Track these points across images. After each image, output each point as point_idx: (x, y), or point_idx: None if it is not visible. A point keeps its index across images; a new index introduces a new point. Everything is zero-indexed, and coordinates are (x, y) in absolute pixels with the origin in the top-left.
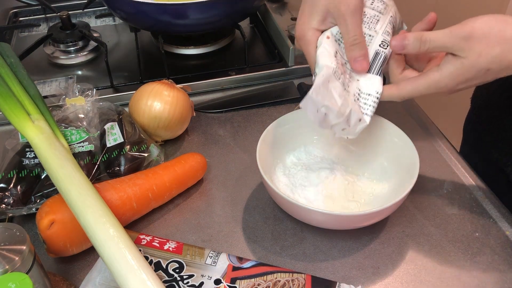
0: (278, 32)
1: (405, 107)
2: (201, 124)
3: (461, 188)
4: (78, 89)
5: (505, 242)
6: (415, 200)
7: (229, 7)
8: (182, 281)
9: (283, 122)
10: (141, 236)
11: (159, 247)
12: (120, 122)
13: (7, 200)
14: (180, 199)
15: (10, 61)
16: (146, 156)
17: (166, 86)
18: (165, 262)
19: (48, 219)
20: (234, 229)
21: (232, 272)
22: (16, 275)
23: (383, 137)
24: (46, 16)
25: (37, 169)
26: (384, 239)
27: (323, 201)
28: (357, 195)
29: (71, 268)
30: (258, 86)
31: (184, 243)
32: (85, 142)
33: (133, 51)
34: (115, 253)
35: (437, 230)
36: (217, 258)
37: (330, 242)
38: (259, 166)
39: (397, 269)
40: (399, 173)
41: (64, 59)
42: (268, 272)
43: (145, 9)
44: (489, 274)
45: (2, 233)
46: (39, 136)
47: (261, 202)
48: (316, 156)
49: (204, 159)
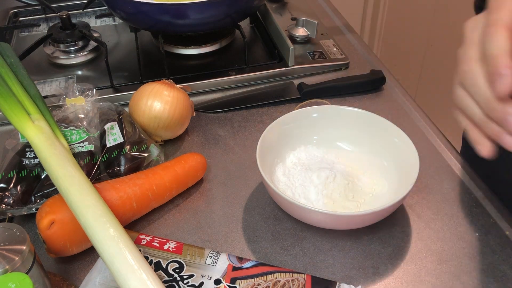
0: (278, 32)
1: (406, 107)
2: (201, 124)
3: (461, 188)
4: (78, 89)
5: (505, 242)
6: (415, 200)
7: (229, 7)
8: (182, 281)
9: (283, 122)
10: (141, 236)
11: (159, 247)
12: (120, 122)
13: (7, 200)
14: (180, 199)
15: (10, 61)
16: (146, 156)
17: (166, 86)
18: (165, 262)
19: (48, 219)
20: (234, 229)
21: (232, 272)
22: (16, 275)
23: (383, 137)
24: (46, 16)
25: (37, 169)
26: (384, 239)
27: (323, 201)
28: (357, 195)
29: (71, 268)
30: (258, 86)
31: (184, 243)
32: (85, 142)
33: (133, 51)
34: (115, 253)
35: (437, 230)
36: (217, 258)
37: (330, 242)
38: (259, 166)
39: (397, 269)
40: (399, 173)
41: (64, 59)
42: (268, 272)
43: (145, 9)
44: (489, 274)
45: (2, 233)
46: (39, 136)
47: (261, 202)
48: (316, 156)
49: (204, 159)
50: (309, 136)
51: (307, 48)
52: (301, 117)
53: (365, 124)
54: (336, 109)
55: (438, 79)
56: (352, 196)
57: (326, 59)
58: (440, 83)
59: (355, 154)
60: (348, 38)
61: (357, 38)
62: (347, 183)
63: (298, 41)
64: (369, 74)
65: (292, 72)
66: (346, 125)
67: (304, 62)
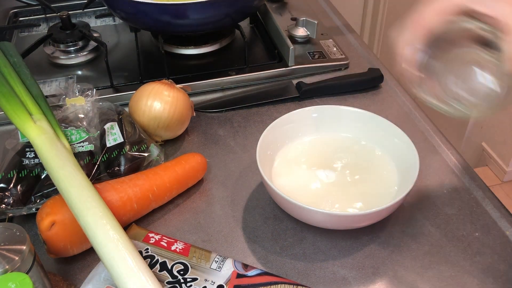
0: (278, 32)
1: (405, 107)
2: (201, 124)
3: (461, 188)
4: (78, 89)
5: (505, 242)
6: (415, 200)
7: (229, 7)
8: (185, 283)
9: (283, 122)
10: (150, 234)
11: (167, 247)
12: (120, 122)
13: (7, 200)
14: (180, 199)
15: (13, 60)
16: (146, 156)
17: (166, 86)
18: (171, 263)
19: (49, 220)
20: (234, 229)
21: (236, 279)
22: (16, 275)
23: (384, 137)
24: (46, 16)
25: (37, 169)
26: (384, 239)
27: (323, 201)
28: (357, 195)
29: (71, 268)
30: (257, 86)
31: (191, 245)
32: (85, 142)
33: (133, 51)
34: (115, 255)
35: (437, 230)
36: (222, 263)
37: (330, 242)
38: (259, 166)
39: (397, 269)
40: (399, 173)
41: (64, 59)
42: (272, 283)
43: (145, 9)
44: (489, 274)
45: (2, 233)
46: (41, 137)
47: (261, 202)
48: (316, 156)
49: (204, 159)
50: (309, 136)
51: (307, 48)
52: (301, 117)
53: (365, 124)
54: (336, 109)
55: None
56: (352, 196)
57: (326, 59)
58: None
59: (355, 154)
60: (348, 38)
61: (357, 38)
62: (347, 183)
63: (298, 41)
64: (367, 72)
65: (292, 72)
66: (346, 125)
67: (304, 62)
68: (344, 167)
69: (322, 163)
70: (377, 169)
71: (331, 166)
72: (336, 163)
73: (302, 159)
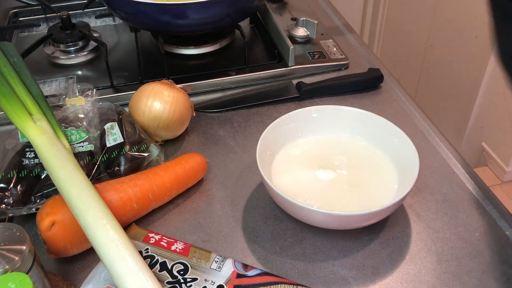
0: (278, 32)
1: (405, 107)
2: (201, 124)
3: (461, 188)
4: (78, 89)
5: (505, 242)
6: (415, 200)
7: (229, 7)
8: (185, 283)
9: (283, 122)
10: (150, 234)
11: (167, 247)
12: (120, 122)
13: (7, 200)
14: (180, 199)
15: (13, 60)
16: (146, 156)
17: (166, 86)
18: (171, 263)
19: (49, 220)
20: (234, 229)
21: (236, 279)
22: (16, 275)
23: (383, 137)
24: (46, 16)
25: (37, 169)
26: (384, 239)
27: (323, 201)
28: (358, 195)
29: (71, 268)
30: (257, 86)
31: (191, 245)
32: (85, 142)
33: (133, 51)
34: (115, 255)
35: (437, 230)
36: (222, 263)
37: (330, 242)
38: (259, 166)
39: (397, 269)
40: (399, 173)
41: (64, 59)
42: (272, 283)
43: (145, 9)
44: (489, 274)
45: (2, 233)
46: (41, 137)
47: (261, 202)
48: (316, 156)
49: (204, 159)
50: (309, 136)
51: (307, 48)
52: (301, 117)
53: (365, 124)
54: (336, 109)
55: (438, 79)
56: (352, 196)
57: (326, 59)
58: (440, 83)
59: (355, 154)
60: (348, 38)
61: (357, 38)
62: (347, 183)
63: (298, 41)
64: (367, 72)
65: (292, 72)
66: (346, 125)
67: (304, 62)
68: (344, 167)
69: (322, 163)
70: (377, 169)
71: (331, 166)
72: (336, 163)
73: (302, 159)
